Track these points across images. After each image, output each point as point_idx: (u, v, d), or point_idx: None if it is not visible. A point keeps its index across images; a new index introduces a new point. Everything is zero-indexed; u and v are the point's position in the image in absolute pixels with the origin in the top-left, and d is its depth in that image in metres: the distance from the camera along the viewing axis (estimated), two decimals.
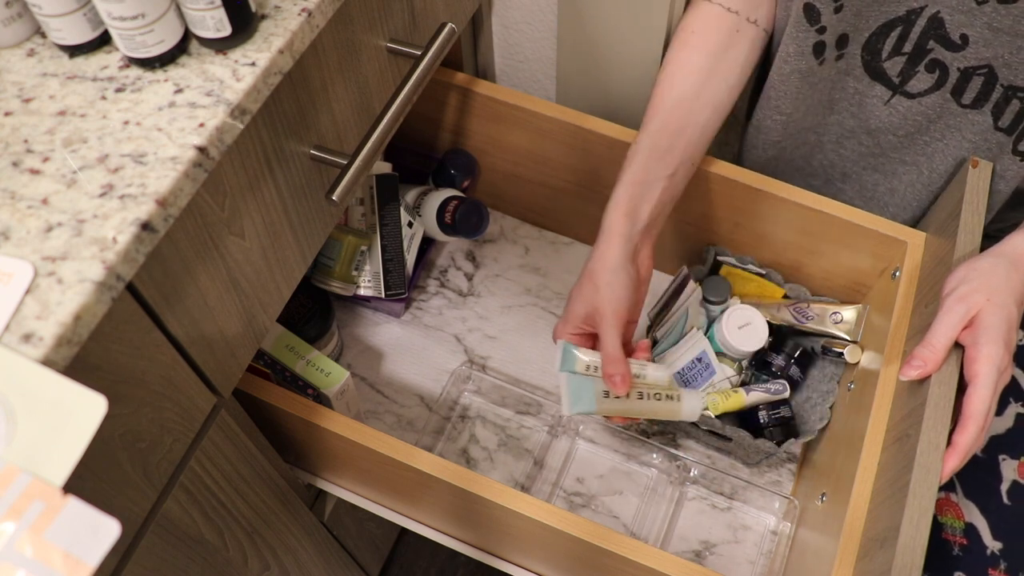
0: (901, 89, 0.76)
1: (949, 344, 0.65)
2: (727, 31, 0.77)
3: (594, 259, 0.73)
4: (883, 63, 0.75)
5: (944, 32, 0.70)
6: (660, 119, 0.76)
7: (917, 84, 0.75)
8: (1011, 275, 0.66)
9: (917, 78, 0.75)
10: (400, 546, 1.34)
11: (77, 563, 0.37)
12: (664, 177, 0.75)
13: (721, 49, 0.77)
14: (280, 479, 0.76)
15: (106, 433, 0.49)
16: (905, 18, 0.71)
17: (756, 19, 0.77)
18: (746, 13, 0.77)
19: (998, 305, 0.64)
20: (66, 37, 0.50)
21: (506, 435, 0.92)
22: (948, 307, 0.65)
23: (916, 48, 0.73)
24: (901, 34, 0.72)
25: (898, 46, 0.73)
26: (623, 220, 0.73)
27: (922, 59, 0.73)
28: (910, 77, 0.75)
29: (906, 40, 0.72)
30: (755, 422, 0.87)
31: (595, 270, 0.73)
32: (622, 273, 0.72)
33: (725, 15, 0.76)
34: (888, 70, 0.76)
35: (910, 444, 0.64)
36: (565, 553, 0.75)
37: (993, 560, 0.72)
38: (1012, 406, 0.77)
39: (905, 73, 0.75)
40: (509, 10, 0.92)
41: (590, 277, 0.73)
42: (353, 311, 0.99)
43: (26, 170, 0.46)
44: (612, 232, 0.73)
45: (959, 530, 0.74)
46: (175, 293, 0.51)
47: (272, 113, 0.54)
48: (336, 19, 0.58)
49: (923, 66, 0.74)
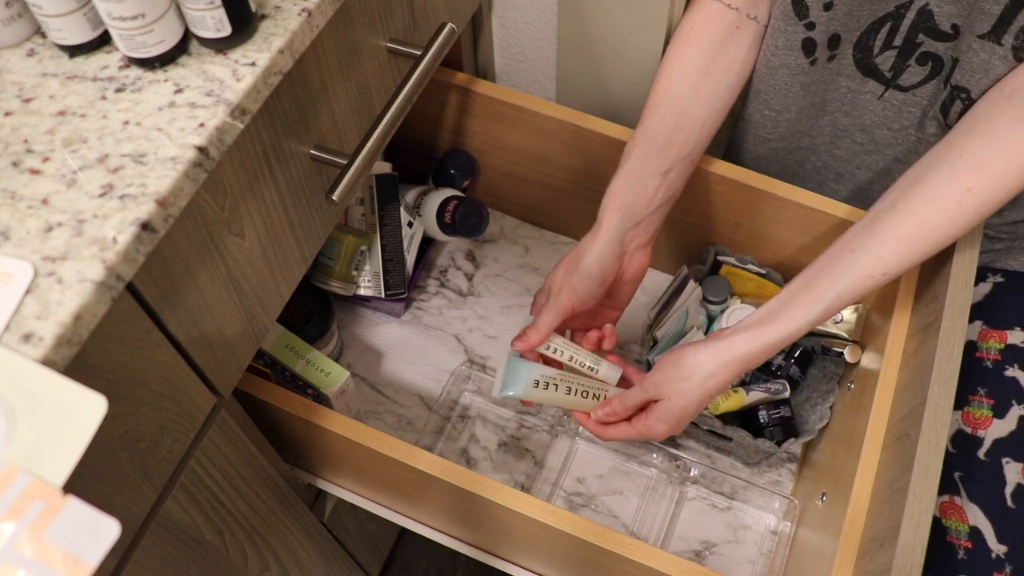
0: (894, 83, 0.76)
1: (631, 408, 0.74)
2: (727, 27, 0.76)
3: (578, 247, 0.75)
4: (875, 59, 0.75)
5: (933, 24, 0.70)
6: (657, 115, 0.76)
7: (910, 77, 0.75)
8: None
9: (909, 71, 0.75)
10: (400, 546, 1.34)
11: (77, 563, 0.37)
12: (659, 174, 0.75)
13: (720, 45, 0.77)
14: (280, 479, 0.76)
15: (106, 433, 0.49)
16: (895, 13, 0.71)
17: (756, 15, 0.77)
18: (746, 9, 0.76)
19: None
20: (66, 37, 0.50)
21: (506, 435, 0.92)
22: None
23: (906, 42, 0.73)
24: (891, 28, 0.72)
25: (888, 40, 0.73)
26: (613, 215, 0.74)
27: (913, 53, 0.73)
28: (902, 71, 0.75)
29: (896, 34, 0.72)
30: (755, 422, 0.87)
31: (572, 257, 0.75)
32: (594, 267, 0.73)
33: (725, 11, 0.76)
34: (880, 65, 0.76)
35: (910, 444, 0.64)
36: (565, 553, 0.75)
37: (998, 563, 0.71)
38: (1015, 408, 0.76)
39: (897, 67, 0.75)
40: (509, 10, 0.92)
41: (567, 261, 0.75)
42: (353, 311, 0.99)
43: (26, 170, 0.46)
44: (600, 226, 0.74)
45: (963, 533, 0.74)
46: (175, 293, 0.51)
47: (272, 113, 0.54)
48: (336, 19, 0.58)
49: (914, 59, 0.74)
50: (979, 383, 0.79)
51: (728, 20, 0.77)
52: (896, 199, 0.67)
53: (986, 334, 0.81)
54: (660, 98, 0.76)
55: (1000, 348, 0.80)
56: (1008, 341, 0.80)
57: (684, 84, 0.76)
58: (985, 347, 0.81)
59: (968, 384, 0.78)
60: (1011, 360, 0.79)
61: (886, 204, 0.68)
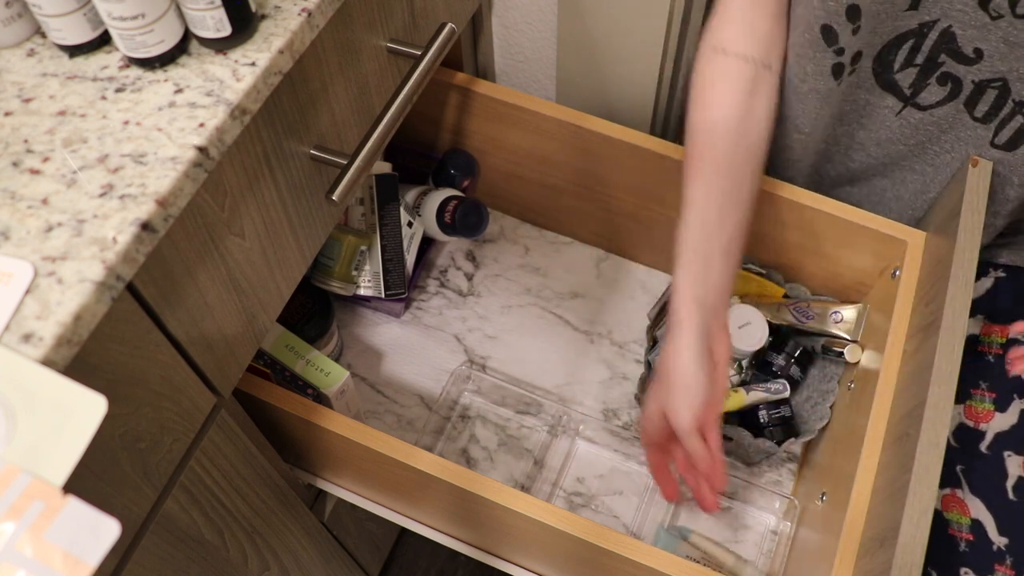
0: (912, 101, 0.76)
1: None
2: (747, 84, 0.74)
3: (668, 356, 0.71)
4: (895, 75, 0.74)
5: (956, 47, 0.70)
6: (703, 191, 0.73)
7: (928, 96, 0.75)
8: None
9: (928, 90, 0.74)
10: (400, 546, 1.34)
11: (77, 563, 0.37)
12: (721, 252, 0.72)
13: (746, 103, 0.74)
14: (280, 479, 0.76)
15: (106, 433, 0.49)
16: (917, 31, 0.70)
17: (771, 63, 0.75)
18: (762, 59, 0.74)
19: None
20: (66, 37, 0.50)
21: (506, 435, 0.92)
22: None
23: (928, 61, 0.72)
24: (913, 46, 0.71)
25: (910, 58, 0.72)
26: (692, 307, 0.70)
27: (934, 72, 0.72)
28: (921, 89, 0.74)
29: (918, 52, 0.72)
30: (755, 422, 0.87)
31: (668, 370, 0.71)
32: (699, 372, 0.69)
33: (742, 66, 0.73)
34: (900, 81, 0.75)
35: (910, 444, 0.64)
36: (565, 553, 0.75)
37: (999, 556, 0.72)
38: (1016, 402, 0.77)
39: (916, 85, 0.74)
40: (509, 10, 0.92)
41: (664, 378, 0.71)
42: (353, 311, 0.99)
43: (26, 170, 0.46)
44: (683, 325, 0.70)
45: (965, 526, 0.74)
46: (175, 293, 0.51)
47: (272, 113, 0.54)
48: (336, 19, 0.58)
49: (935, 79, 0.73)
50: (981, 377, 0.79)
51: (747, 75, 0.73)
52: None
53: (988, 328, 0.82)
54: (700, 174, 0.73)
55: (1002, 342, 0.80)
56: (1010, 335, 0.80)
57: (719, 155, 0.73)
58: (987, 341, 0.81)
59: (970, 378, 0.79)
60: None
61: None
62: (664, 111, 0.98)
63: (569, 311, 1.00)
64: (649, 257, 1.01)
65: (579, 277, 1.02)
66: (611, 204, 0.95)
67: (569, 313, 1.00)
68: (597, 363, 0.96)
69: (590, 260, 1.03)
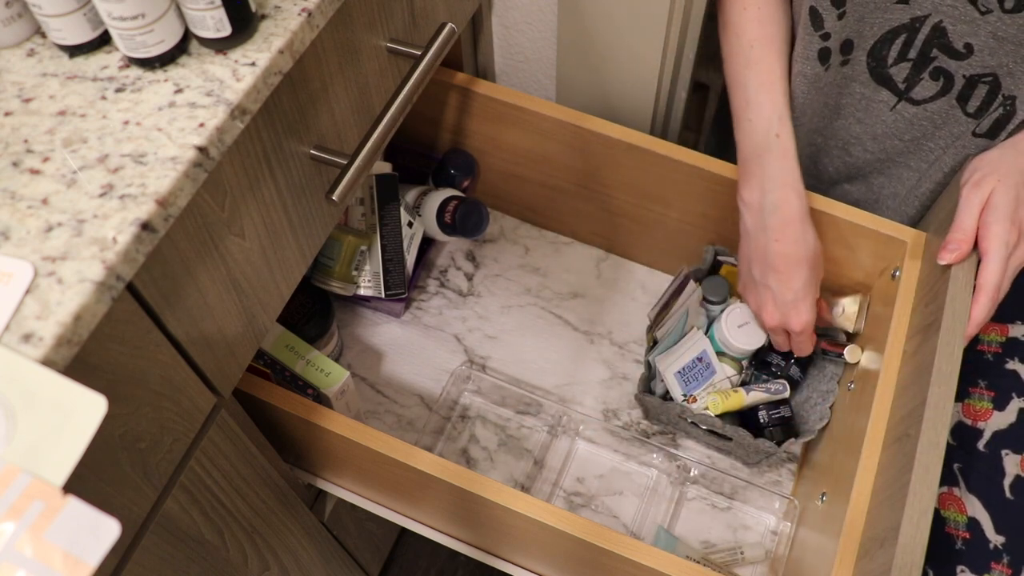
0: (907, 95, 0.77)
1: (975, 225, 0.70)
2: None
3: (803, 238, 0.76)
4: (889, 69, 0.75)
5: (947, 41, 0.70)
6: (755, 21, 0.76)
7: (922, 91, 0.76)
8: (1017, 159, 0.71)
9: (922, 85, 0.75)
10: (400, 546, 1.34)
11: (77, 563, 0.37)
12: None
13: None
14: (280, 479, 0.76)
15: (106, 433, 0.49)
16: (909, 25, 0.71)
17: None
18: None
19: (1007, 186, 0.70)
20: (66, 37, 0.50)
21: (506, 435, 0.92)
22: (966, 195, 0.71)
23: (920, 55, 0.73)
24: (906, 40, 0.72)
25: (903, 52, 0.73)
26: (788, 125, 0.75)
27: (926, 66, 0.73)
28: (915, 83, 0.75)
29: (911, 47, 0.73)
30: (755, 422, 0.87)
31: (815, 253, 0.76)
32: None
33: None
34: (894, 75, 0.76)
35: (910, 444, 0.64)
36: (565, 553, 0.75)
37: (996, 554, 0.72)
38: (1015, 401, 0.77)
39: (910, 79, 0.75)
40: (509, 10, 0.92)
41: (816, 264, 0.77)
42: (353, 311, 0.99)
43: (26, 170, 0.46)
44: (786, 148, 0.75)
45: (962, 524, 0.74)
46: (175, 293, 0.51)
47: (272, 113, 0.54)
48: (336, 19, 0.58)
49: (927, 73, 0.74)
50: (980, 375, 0.79)
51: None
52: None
53: (988, 327, 0.82)
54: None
55: (1001, 341, 0.80)
56: (1009, 334, 0.80)
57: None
58: (987, 340, 0.81)
59: (969, 376, 0.79)
60: (1012, 353, 0.79)
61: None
62: (664, 111, 0.98)
63: (569, 311, 1.00)
64: (649, 257, 1.02)
65: (579, 277, 1.02)
66: (611, 204, 0.95)
67: (569, 313, 1.00)
68: (597, 363, 0.96)
69: (590, 260, 1.03)
